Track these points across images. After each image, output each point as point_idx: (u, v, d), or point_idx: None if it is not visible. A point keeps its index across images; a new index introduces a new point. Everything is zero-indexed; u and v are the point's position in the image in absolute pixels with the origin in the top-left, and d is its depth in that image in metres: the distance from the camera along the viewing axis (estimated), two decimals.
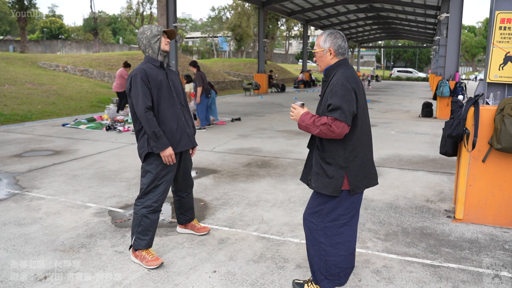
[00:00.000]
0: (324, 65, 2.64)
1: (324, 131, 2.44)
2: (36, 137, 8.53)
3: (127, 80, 3.11)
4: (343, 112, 2.41)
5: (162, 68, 3.18)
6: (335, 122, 2.41)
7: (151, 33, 3.12)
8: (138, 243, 3.12)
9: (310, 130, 2.51)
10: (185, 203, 3.57)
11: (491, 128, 3.80)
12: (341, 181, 2.53)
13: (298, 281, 2.85)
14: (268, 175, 5.70)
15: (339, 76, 2.51)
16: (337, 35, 2.60)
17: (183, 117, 3.22)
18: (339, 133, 2.43)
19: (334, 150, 2.52)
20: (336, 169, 2.52)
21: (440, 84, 11.92)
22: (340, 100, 2.42)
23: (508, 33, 3.87)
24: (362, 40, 46.51)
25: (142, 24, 46.40)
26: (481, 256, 3.33)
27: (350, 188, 2.54)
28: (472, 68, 70.48)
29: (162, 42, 3.15)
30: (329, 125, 2.41)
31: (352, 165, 2.53)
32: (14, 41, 41.26)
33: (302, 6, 24.44)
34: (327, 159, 2.55)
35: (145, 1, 46.34)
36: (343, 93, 2.43)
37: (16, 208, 4.34)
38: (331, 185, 2.53)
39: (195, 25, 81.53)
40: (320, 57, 2.65)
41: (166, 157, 3.04)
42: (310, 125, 2.50)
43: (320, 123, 2.45)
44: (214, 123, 10.65)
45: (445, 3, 16.22)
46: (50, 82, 17.04)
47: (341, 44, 2.60)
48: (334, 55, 2.60)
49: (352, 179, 2.54)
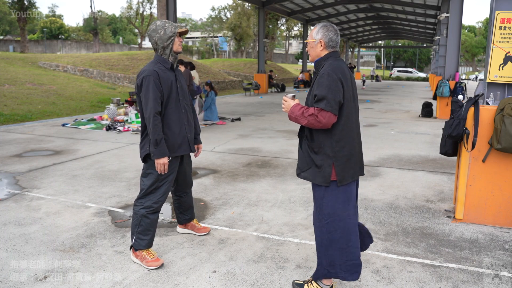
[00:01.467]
0: (315, 56, 2.71)
1: (311, 121, 2.50)
2: (36, 137, 8.53)
3: (137, 78, 3.05)
4: (329, 102, 2.46)
5: (172, 70, 3.15)
6: (321, 112, 2.47)
7: (165, 34, 3.04)
8: (138, 243, 3.12)
9: (299, 121, 2.58)
10: (184, 202, 3.57)
11: (491, 128, 3.80)
12: (329, 170, 2.57)
13: (298, 282, 2.85)
14: (268, 175, 5.70)
15: (326, 67, 2.56)
16: (329, 28, 2.65)
17: (186, 121, 3.20)
18: (325, 123, 2.48)
19: (322, 140, 2.58)
20: (324, 158, 2.57)
21: (440, 84, 11.92)
22: (325, 90, 2.47)
23: (508, 33, 3.87)
24: (362, 40, 46.51)
25: (142, 24, 46.39)
26: (481, 256, 3.33)
27: (337, 179, 2.57)
28: (472, 68, 70.47)
29: (176, 43, 3.10)
30: (316, 115, 2.47)
31: (339, 155, 2.57)
32: (14, 41, 41.28)
33: (302, 6, 24.45)
34: (315, 149, 2.61)
35: (145, 1, 46.34)
36: (328, 83, 2.48)
37: (16, 208, 4.34)
38: (319, 174, 2.59)
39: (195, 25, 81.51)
40: (311, 48, 2.71)
41: (160, 165, 3.01)
42: (299, 116, 2.56)
43: (308, 114, 2.51)
44: (215, 123, 10.66)
45: (445, 3, 16.22)
46: (50, 82, 17.04)
47: (332, 37, 2.64)
48: (324, 47, 2.65)
49: (339, 169, 2.57)
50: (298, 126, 2.69)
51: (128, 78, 20.03)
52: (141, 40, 47.33)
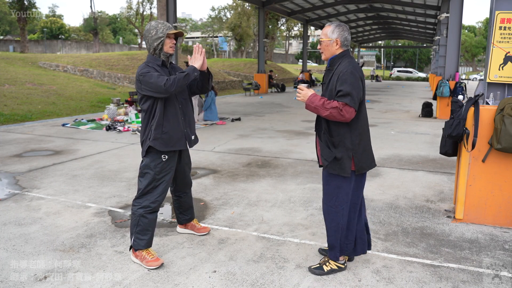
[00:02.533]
0: (329, 54, 2.87)
1: (334, 114, 2.66)
2: (36, 137, 8.53)
3: (136, 78, 3.06)
4: (353, 99, 2.66)
5: (164, 66, 3.16)
6: (346, 107, 2.65)
7: (156, 35, 3.06)
8: (137, 243, 3.12)
9: (319, 112, 2.73)
10: (184, 202, 3.57)
11: (491, 128, 3.80)
12: (349, 162, 2.79)
13: (314, 266, 3.04)
14: (268, 175, 5.70)
15: (346, 65, 2.74)
16: (344, 28, 2.84)
17: (182, 116, 3.20)
18: (348, 117, 2.67)
19: (342, 134, 2.77)
20: (344, 151, 2.77)
21: (440, 84, 11.92)
22: (350, 87, 2.66)
23: (508, 33, 3.87)
24: (362, 40, 46.49)
25: (142, 24, 46.39)
26: (481, 256, 3.33)
27: (356, 169, 2.81)
28: (472, 68, 70.46)
29: (166, 44, 3.10)
30: (340, 109, 2.64)
31: (357, 148, 2.80)
32: (14, 41, 41.28)
33: (302, 6, 24.44)
34: (335, 143, 2.79)
35: (145, 1, 46.37)
36: (352, 80, 2.68)
37: (16, 208, 4.34)
38: (340, 165, 2.78)
39: (195, 25, 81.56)
40: (326, 46, 2.87)
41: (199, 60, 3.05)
42: (319, 106, 2.72)
43: (331, 106, 2.67)
44: (215, 123, 10.66)
45: (445, 3, 16.22)
46: (50, 82, 17.04)
47: (347, 37, 2.85)
48: (339, 45, 2.84)
49: (357, 160, 2.81)
50: (298, 126, 2.73)
51: (128, 78, 20.04)
52: (141, 40, 47.33)
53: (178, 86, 2.94)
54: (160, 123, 3.06)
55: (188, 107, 3.30)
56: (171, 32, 3.10)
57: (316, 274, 2.99)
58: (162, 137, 3.07)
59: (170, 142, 3.10)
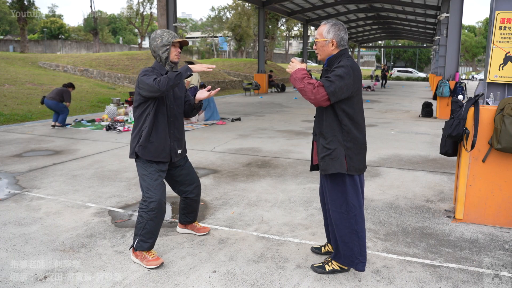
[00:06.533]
0: (325, 55, 2.78)
1: (306, 89, 2.59)
2: (36, 137, 8.53)
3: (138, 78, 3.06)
4: (332, 86, 2.56)
5: None
6: (320, 88, 2.57)
7: (161, 42, 3.07)
8: (141, 245, 3.11)
9: (296, 83, 2.66)
10: (190, 205, 3.54)
11: (491, 128, 3.80)
12: (343, 160, 2.72)
13: (317, 264, 3.01)
14: (268, 175, 5.70)
15: (345, 62, 2.66)
16: (340, 27, 2.73)
17: (172, 129, 3.20)
18: (317, 98, 2.58)
19: (335, 134, 2.73)
20: (338, 148, 2.73)
21: (440, 84, 11.92)
22: (337, 78, 2.58)
23: (508, 33, 3.87)
24: (362, 40, 46.51)
25: (142, 24, 46.38)
26: (481, 256, 3.33)
27: (348, 168, 2.73)
28: (472, 68, 70.45)
29: (172, 52, 3.12)
30: (315, 87, 2.56)
31: (349, 145, 2.74)
32: (14, 41, 41.25)
33: (302, 6, 24.44)
34: (329, 144, 2.74)
35: (145, 1, 46.30)
36: (342, 74, 2.59)
37: (16, 208, 4.34)
38: (336, 164, 2.72)
39: (195, 25, 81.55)
40: (321, 47, 2.77)
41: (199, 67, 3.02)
42: (298, 78, 2.65)
43: (308, 81, 2.60)
44: (215, 123, 10.66)
45: (445, 3, 16.22)
46: (50, 82, 17.04)
47: (344, 36, 2.74)
48: (335, 46, 2.74)
49: (349, 159, 2.74)
50: (298, 126, 2.73)
51: (128, 78, 20.03)
52: (141, 40, 47.30)
53: (169, 85, 2.91)
54: (149, 132, 3.09)
55: (180, 122, 3.29)
56: (176, 40, 3.11)
57: (317, 272, 2.99)
58: (147, 146, 3.09)
59: (155, 152, 3.11)
